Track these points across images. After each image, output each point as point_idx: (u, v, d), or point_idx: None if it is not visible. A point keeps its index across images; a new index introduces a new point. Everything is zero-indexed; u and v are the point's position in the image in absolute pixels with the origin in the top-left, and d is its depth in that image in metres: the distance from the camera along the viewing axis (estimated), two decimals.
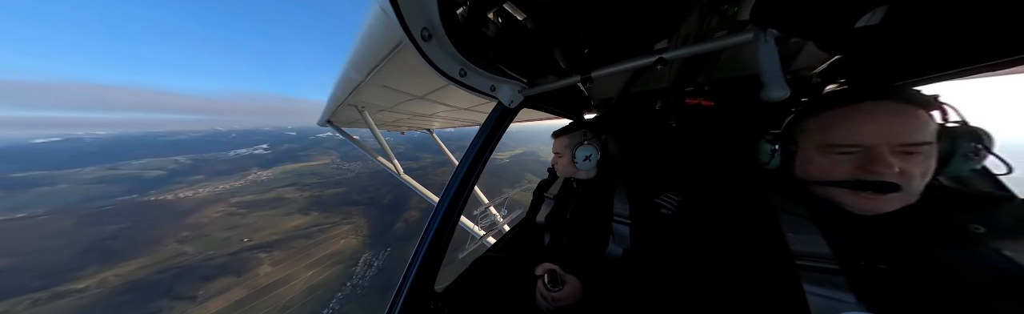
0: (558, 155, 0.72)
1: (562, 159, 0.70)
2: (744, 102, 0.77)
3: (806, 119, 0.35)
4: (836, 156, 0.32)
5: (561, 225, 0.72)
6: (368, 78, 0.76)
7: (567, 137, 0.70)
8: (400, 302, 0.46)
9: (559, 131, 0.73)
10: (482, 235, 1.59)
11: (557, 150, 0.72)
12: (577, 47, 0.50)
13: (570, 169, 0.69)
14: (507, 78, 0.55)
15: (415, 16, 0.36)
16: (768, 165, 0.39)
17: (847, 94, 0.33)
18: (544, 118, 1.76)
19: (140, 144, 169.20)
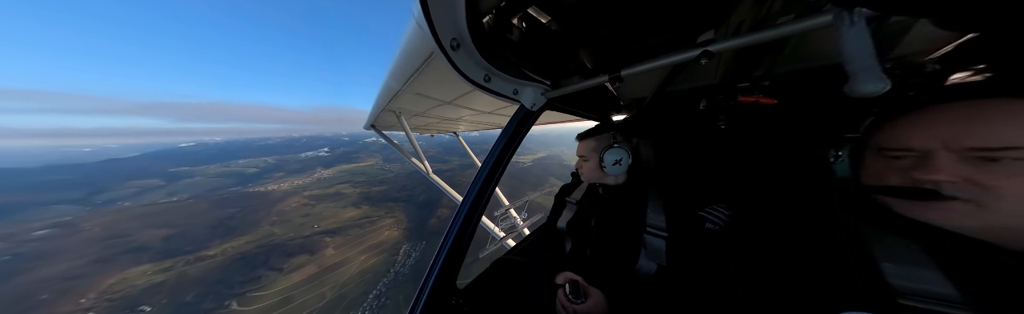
0: (583, 159, 0.67)
1: (588, 163, 0.66)
2: (817, 98, 0.66)
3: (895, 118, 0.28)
4: (888, 160, 0.28)
5: (584, 233, 0.67)
6: (404, 86, 0.81)
7: (594, 139, 0.66)
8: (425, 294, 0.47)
9: (585, 133, 0.68)
10: (502, 236, 1.67)
11: (582, 153, 0.67)
12: (605, 45, 0.48)
13: (596, 174, 0.65)
14: (530, 81, 0.54)
15: (445, 28, 0.37)
16: (837, 174, 0.34)
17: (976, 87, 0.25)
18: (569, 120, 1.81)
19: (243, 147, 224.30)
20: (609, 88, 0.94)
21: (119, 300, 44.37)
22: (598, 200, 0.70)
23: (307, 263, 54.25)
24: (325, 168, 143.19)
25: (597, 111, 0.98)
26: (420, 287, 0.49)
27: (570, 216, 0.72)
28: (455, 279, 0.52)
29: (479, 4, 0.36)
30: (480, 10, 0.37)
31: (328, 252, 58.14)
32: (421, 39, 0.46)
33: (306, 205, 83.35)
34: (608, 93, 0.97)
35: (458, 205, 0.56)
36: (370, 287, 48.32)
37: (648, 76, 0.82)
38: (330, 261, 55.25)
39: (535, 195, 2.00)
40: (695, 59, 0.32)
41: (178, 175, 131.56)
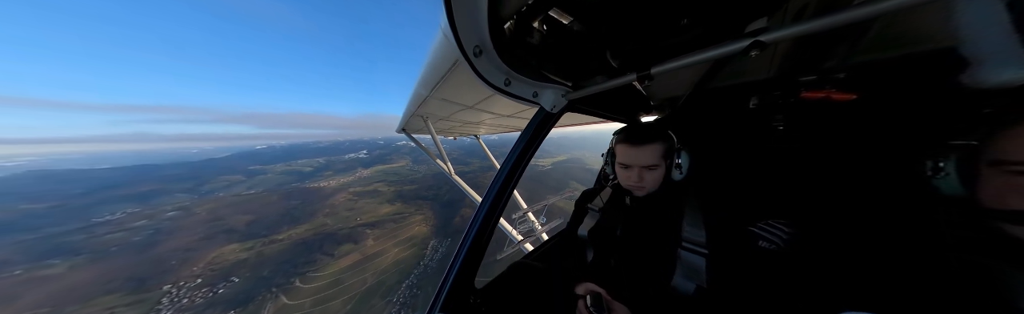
0: (650, 168, 0.55)
1: (655, 172, 0.55)
2: (912, 93, 0.53)
3: None
4: (1012, 177, 0.22)
5: (608, 242, 0.62)
6: (431, 93, 0.83)
7: (662, 144, 0.55)
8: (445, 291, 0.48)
9: (650, 136, 0.56)
10: (520, 240, 1.64)
11: (649, 162, 0.54)
12: (633, 42, 0.45)
13: (660, 183, 0.57)
14: (550, 83, 0.54)
15: (469, 35, 0.38)
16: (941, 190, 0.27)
17: None
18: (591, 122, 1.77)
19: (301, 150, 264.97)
20: (637, 87, 0.89)
21: (218, 271, 56.37)
22: (624, 208, 0.63)
23: (352, 251, 61.75)
24: (364, 168, 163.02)
25: (623, 112, 0.91)
26: (441, 283, 0.49)
27: (592, 224, 0.66)
28: (473, 278, 0.51)
29: (500, 11, 0.35)
30: (501, 16, 0.37)
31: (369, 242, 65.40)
32: (446, 48, 0.48)
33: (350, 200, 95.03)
34: (636, 92, 0.92)
35: (477, 206, 0.55)
36: (403, 277, 53.05)
37: (684, 73, 0.77)
38: (370, 250, 62.04)
39: (554, 199, 1.93)
40: (743, 51, 0.29)
41: (255, 172, 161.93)
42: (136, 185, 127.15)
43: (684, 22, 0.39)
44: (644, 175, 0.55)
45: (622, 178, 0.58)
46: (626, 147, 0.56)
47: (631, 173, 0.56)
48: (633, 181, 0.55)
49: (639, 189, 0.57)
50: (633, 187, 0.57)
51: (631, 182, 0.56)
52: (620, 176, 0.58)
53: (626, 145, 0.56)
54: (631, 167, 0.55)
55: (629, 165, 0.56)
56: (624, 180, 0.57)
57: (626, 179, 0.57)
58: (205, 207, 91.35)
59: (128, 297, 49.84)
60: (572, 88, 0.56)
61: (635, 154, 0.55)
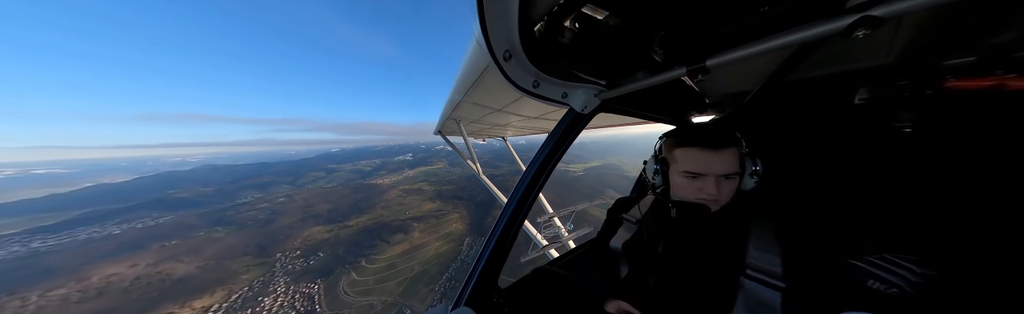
0: (729, 177, 0.44)
1: (733, 182, 0.45)
2: None
3: None
4: None
5: (647, 259, 0.53)
6: (463, 97, 0.85)
7: (738, 147, 0.45)
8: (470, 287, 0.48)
9: (730, 138, 0.45)
10: (544, 244, 1.65)
11: (729, 169, 0.44)
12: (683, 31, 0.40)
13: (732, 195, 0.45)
14: (581, 83, 0.51)
15: (499, 41, 0.38)
16: None
17: None
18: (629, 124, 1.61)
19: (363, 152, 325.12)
20: (687, 83, 0.77)
21: (310, 246, 72.33)
22: (668, 222, 0.53)
23: (403, 240, 71.17)
24: (410, 169, 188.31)
25: (669, 112, 0.83)
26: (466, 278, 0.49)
27: (627, 236, 0.58)
28: (497, 277, 0.51)
29: (531, 14, 0.35)
30: (531, 19, 0.36)
31: (415, 234, 74.42)
32: (478, 54, 0.48)
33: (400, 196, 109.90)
34: (685, 89, 0.79)
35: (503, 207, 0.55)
36: (444, 269, 58.38)
37: (754, 63, 0.61)
38: (417, 241, 70.49)
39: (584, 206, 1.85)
40: (844, 31, 0.22)
41: (332, 170, 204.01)
42: (259, 177, 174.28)
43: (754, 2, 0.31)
44: (723, 186, 0.44)
45: (689, 190, 0.46)
46: (701, 152, 0.44)
47: (705, 184, 0.44)
48: (709, 193, 0.43)
49: (714, 203, 0.45)
50: (706, 201, 0.44)
51: (705, 195, 0.44)
52: (685, 188, 0.46)
53: (700, 149, 0.44)
54: (705, 176, 0.44)
55: (702, 174, 0.44)
56: (694, 193, 0.45)
57: (697, 191, 0.45)
58: (301, 196, 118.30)
59: (256, 259, 68.00)
60: (606, 87, 0.52)
61: (714, 160, 0.43)
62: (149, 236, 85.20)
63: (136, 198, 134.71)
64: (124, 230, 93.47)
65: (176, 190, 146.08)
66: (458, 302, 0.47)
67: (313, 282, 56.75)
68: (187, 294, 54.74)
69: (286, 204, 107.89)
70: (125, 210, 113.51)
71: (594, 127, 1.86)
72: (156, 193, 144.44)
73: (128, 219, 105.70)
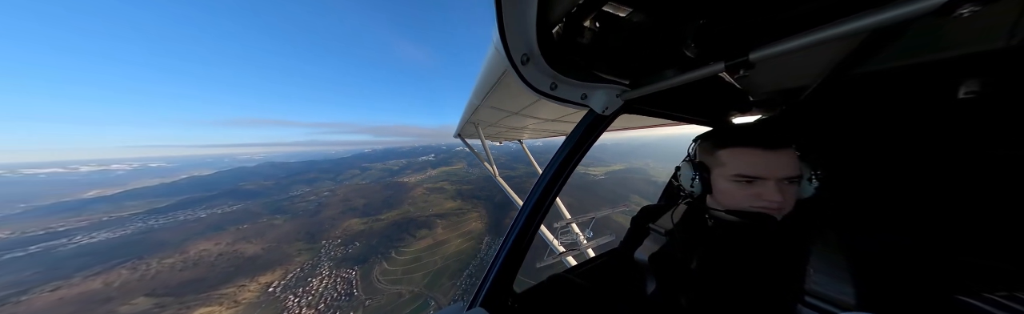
0: (791, 180, 0.38)
1: (796, 187, 0.39)
2: None
3: None
4: None
5: (677, 275, 0.47)
6: (482, 101, 0.85)
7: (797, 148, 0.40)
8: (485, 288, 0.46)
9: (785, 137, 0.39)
10: (561, 252, 1.59)
11: (791, 171, 0.37)
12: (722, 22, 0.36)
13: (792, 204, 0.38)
14: (602, 83, 0.49)
15: (517, 45, 0.37)
16: None
17: None
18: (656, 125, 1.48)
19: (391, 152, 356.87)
20: (726, 80, 0.67)
21: (349, 236, 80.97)
22: (705, 234, 0.46)
23: (427, 235, 76.02)
24: (433, 169, 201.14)
25: (704, 112, 0.74)
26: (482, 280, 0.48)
27: (655, 248, 0.52)
28: (512, 281, 0.50)
29: (549, 16, 0.34)
30: (550, 22, 0.35)
31: (438, 230, 79.01)
32: (496, 59, 0.48)
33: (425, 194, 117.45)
34: (724, 86, 0.70)
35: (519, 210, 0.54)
36: (464, 265, 61.09)
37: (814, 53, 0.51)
38: (440, 237, 74.77)
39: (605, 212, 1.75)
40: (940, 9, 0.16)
41: (366, 168, 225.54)
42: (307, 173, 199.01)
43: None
44: (787, 191, 0.37)
45: (744, 198, 0.38)
46: (755, 152, 0.38)
47: (763, 189, 0.37)
48: (771, 200, 0.36)
49: (777, 212, 0.38)
50: (769, 210, 0.37)
51: (766, 202, 0.37)
52: (737, 195, 0.39)
53: (754, 149, 0.38)
54: (763, 180, 0.37)
55: (760, 177, 0.37)
56: (749, 200, 0.38)
57: (754, 198, 0.37)
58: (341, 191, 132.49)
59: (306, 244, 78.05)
60: (629, 87, 0.49)
61: (772, 161, 0.37)
62: (227, 220, 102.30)
63: (217, 188, 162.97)
64: (209, 214, 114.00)
65: (245, 183, 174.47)
66: (474, 302, 0.47)
67: (351, 268, 63.50)
68: (254, 270, 65.15)
69: (329, 198, 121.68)
70: (209, 198, 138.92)
71: (616, 129, 1.76)
72: (230, 185, 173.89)
73: (211, 205, 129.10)
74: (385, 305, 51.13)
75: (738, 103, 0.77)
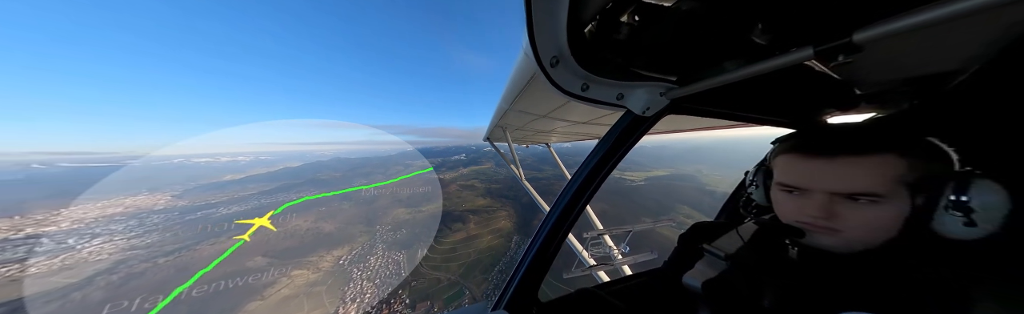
0: (854, 198, 0.29)
1: (869, 208, 0.29)
2: None
3: None
4: None
5: (741, 309, 0.38)
6: (510, 106, 0.84)
7: (904, 156, 0.29)
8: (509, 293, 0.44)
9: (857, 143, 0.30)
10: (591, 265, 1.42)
11: (841, 185, 0.29)
12: None
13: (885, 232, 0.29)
14: (642, 81, 0.44)
15: (547, 47, 0.35)
16: None
17: None
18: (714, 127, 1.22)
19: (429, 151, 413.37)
20: (818, 69, 0.48)
21: (397, 224, 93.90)
22: (784, 265, 0.37)
23: (461, 229, 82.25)
24: (464, 167, 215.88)
25: (782, 110, 0.59)
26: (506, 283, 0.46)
27: (711, 274, 0.43)
28: (537, 288, 0.47)
29: (581, 15, 0.31)
30: (582, 21, 0.33)
31: (471, 225, 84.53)
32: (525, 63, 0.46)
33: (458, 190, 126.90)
34: (814, 78, 0.51)
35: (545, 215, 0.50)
36: (495, 262, 64.13)
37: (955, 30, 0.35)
38: (472, 232, 79.96)
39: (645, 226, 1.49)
40: None
41: (408, 165, 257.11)
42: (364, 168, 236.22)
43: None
44: (839, 209, 0.29)
45: (788, 210, 0.33)
46: (801, 159, 0.32)
47: (806, 202, 0.31)
48: (811, 215, 0.30)
49: (826, 232, 0.30)
50: (811, 227, 0.31)
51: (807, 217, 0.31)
52: (782, 206, 0.34)
53: (801, 156, 0.32)
54: (807, 192, 0.31)
55: (801, 188, 0.31)
56: (793, 213, 0.33)
57: (797, 211, 0.32)
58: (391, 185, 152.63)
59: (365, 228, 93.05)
60: (676, 83, 0.44)
61: (821, 171, 0.30)
62: (312, 203, 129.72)
63: (303, 177, 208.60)
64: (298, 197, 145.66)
65: (321, 174, 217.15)
66: (498, 304, 0.46)
67: (399, 252, 73.35)
68: (330, 245, 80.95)
69: (381, 189, 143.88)
70: (298, 184, 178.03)
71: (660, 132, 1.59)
72: (311, 175, 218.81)
73: (300, 190, 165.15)
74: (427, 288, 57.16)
75: (837, 98, 0.59)
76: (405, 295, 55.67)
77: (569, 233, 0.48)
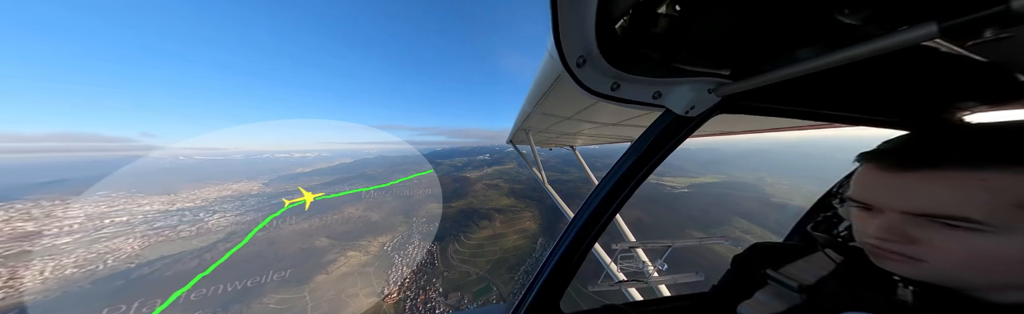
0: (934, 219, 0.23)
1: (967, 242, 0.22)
2: None
3: None
4: None
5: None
6: (534, 109, 0.83)
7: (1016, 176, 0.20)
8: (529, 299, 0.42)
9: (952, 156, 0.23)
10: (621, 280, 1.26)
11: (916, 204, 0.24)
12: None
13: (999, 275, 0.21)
14: (684, 77, 0.38)
15: (573, 47, 0.33)
16: None
17: None
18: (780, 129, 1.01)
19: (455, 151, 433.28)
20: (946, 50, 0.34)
21: (431, 217, 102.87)
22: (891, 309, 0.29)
23: (488, 226, 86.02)
24: (488, 167, 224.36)
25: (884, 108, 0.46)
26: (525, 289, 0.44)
27: (779, 309, 0.35)
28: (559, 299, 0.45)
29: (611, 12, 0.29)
30: (613, 17, 0.30)
31: (496, 223, 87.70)
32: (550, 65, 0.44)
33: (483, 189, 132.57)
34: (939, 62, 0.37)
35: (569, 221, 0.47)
36: (520, 262, 65.77)
37: None
38: (498, 230, 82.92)
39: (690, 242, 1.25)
40: None
41: (437, 163, 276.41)
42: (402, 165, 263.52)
43: None
44: (916, 233, 0.24)
45: (859, 229, 0.29)
46: (873, 171, 0.27)
47: (873, 222, 0.26)
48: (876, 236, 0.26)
49: (897, 260, 0.26)
50: (877, 251, 0.26)
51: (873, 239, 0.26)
52: (856, 226, 0.29)
53: (873, 167, 0.27)
54: (878, 212, 0.27)
55: (868, 204, 0.27)
56: (862, 234, 0.28)
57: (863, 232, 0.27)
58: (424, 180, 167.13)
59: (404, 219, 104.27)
60: (729, 78, 0.37)
61: (891, 186, 0.25)
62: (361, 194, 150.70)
63: (353, 172, 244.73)
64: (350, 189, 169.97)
65: (368, 169, 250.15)
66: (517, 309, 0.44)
67: (433, 243, 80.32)
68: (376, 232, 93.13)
69: (417, 184, 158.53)
70: (350, 178, 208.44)
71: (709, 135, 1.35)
72: (360, 170, 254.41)
73: (352, 183, 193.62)
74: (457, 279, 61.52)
75: (978, 89, 0.42)
76: (438, 284, 59.86)
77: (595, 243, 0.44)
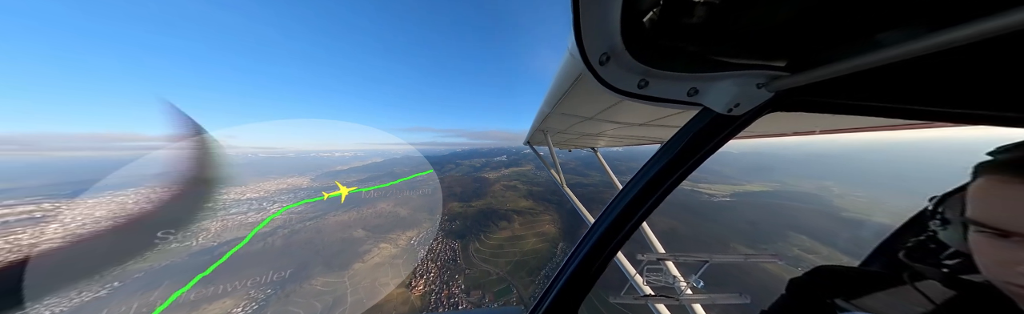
0: None
1: None
2: None
3: None
4: None
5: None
6: (552, 109, 0.81)
7: None
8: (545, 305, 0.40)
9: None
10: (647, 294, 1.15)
11: None
12: None
13: None
14: (727, 71, 0.34)
15: (595, 44, 0.31)
16: None
17: None
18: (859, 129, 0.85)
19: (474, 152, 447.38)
20: None
21: (453, 215, 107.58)
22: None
23: (507, 227, 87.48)
24: (506, 168, 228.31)
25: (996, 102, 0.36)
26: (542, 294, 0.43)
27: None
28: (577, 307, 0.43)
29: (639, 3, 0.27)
30: (640, 10, 0.28)
31: (515, 225, 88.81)
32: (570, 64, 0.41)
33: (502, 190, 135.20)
34: None
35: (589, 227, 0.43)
36: (540, 265, 65.78)
37: None
38: (518, 232, 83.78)
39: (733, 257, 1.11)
40: None
41: (458, 164, 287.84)
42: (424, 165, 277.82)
43: None
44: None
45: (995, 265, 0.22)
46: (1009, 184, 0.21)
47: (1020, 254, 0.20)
48: None
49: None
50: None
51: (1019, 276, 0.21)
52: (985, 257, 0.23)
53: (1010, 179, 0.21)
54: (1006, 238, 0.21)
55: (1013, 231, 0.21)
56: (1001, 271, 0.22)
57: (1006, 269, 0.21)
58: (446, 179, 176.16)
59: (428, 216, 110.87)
60: (785, 70, 0.33)
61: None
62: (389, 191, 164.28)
63: (383, 170, 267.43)
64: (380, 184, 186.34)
65: (396, 168, 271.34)
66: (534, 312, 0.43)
67: (455, 240, 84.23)
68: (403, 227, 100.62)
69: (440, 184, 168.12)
70: (381, 176, 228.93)
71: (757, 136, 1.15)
72: (389, 169, 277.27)
73: (382, 181, 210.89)
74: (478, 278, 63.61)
75: None
76: (461, 281, 62.56)
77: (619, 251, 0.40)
